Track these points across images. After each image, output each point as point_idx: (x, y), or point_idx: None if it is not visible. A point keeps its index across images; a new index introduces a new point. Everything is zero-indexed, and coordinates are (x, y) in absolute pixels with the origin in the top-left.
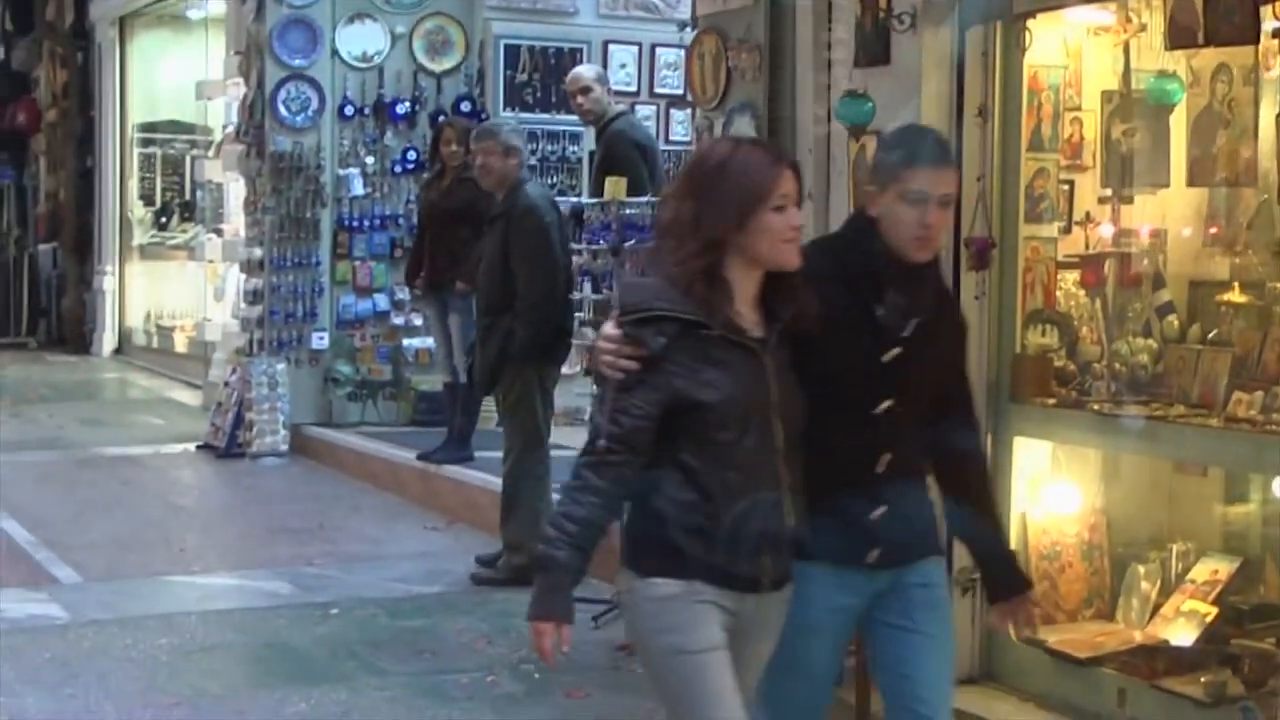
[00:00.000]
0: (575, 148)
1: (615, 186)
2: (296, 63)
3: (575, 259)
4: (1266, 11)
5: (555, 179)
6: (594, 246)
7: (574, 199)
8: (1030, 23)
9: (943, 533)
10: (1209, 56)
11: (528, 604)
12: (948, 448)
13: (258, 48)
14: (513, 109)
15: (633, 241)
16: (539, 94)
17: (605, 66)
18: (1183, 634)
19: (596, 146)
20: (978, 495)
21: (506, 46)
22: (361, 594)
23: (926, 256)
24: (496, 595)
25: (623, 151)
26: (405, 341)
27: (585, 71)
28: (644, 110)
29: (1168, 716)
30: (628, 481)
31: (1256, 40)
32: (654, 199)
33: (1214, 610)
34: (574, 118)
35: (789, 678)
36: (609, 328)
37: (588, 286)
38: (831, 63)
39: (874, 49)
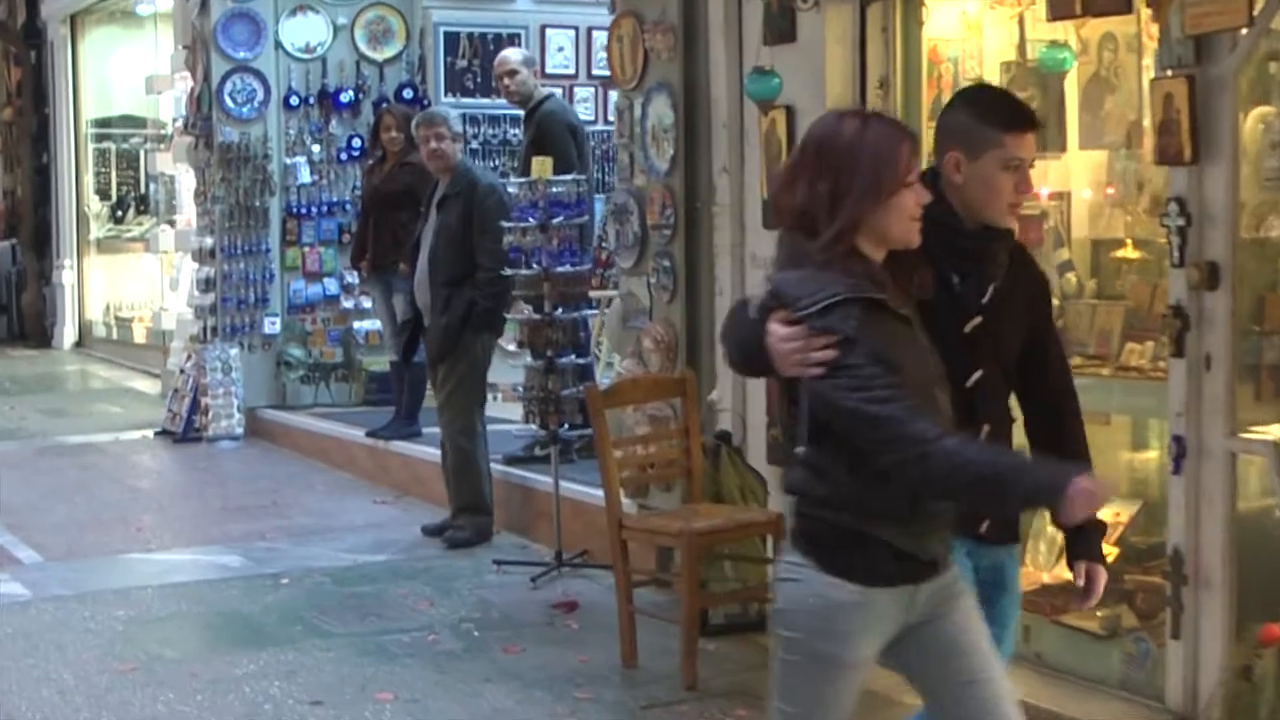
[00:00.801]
0: (516, 131)
1: (541, 166)
2: (241, 55)
3: (505, 237)
4: None
5: (496, 162)
6: (523, 224)
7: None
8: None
9: None
10: (1097, 26)
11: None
12: (1045, 400)
13: (203, 42)
14: (454, 95)
15: (560, 218)
16: (479, 79)
17: (543, 50)
18: None
19: (525, 129)
20: (1077, 446)
21: (446, 34)
22: (310, 564)
23: (1012, 223)
24: (438, 562)
25: (556, 132)
26: (355, 324)
27: (511, 55)
28: (582, 92)
29: (1068, 649)
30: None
31: (1130, 10)
32: (580, 178)
33: (1115, 550)
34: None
35: None
36: (781, 328)
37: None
38: (743, 41)
39: (780, 27)
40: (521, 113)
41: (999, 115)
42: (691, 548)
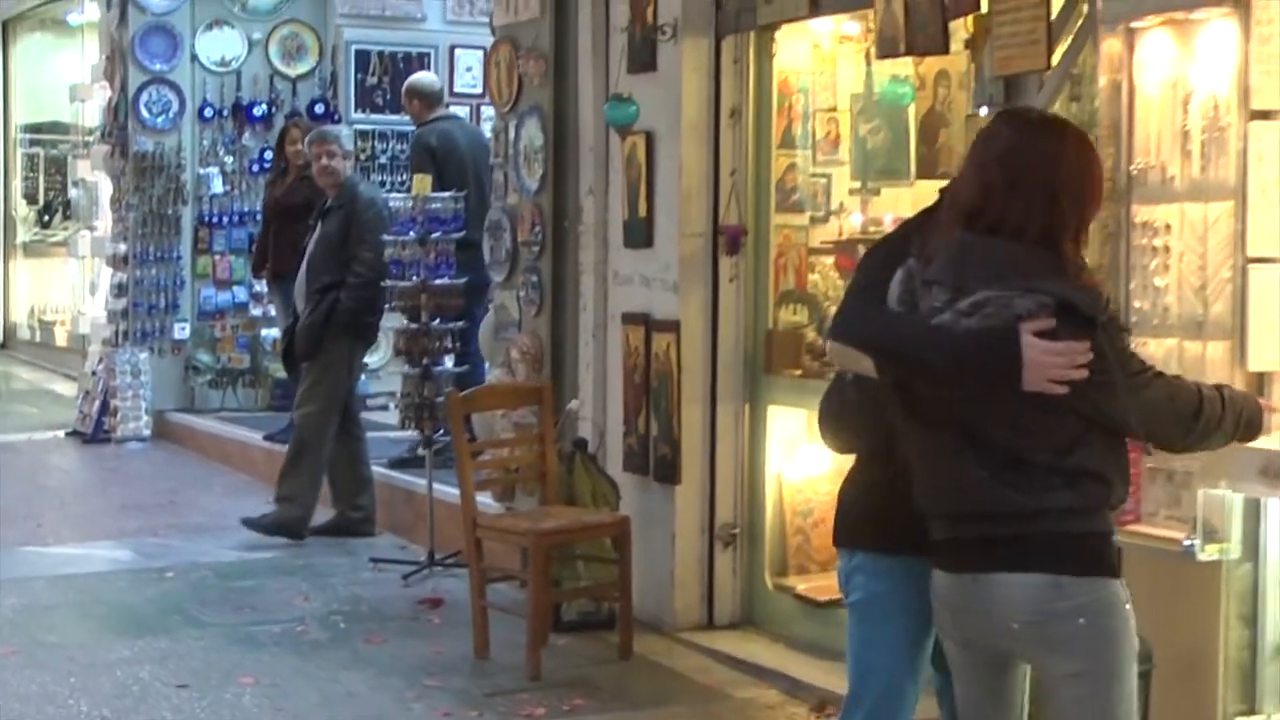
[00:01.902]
0: None
1: (420, 183)
2: (158, 67)
3: (386, 250)
4: (955, 25)
5: (405, 177)
6: (402, 239)
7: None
8: (778, 34)
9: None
10: (932, 63)
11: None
12: None
13: (121, 53)
14: (364, 110)
15: (437, 234)
16: (389, 96)
17: (451, 70)
18: None
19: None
20: None
21: (357, 51)
22: (197, 559)
23: None
24: (319, 559)
25: (415, 156)
26: (263, 331)
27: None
28: (490, 110)
29: None
30: None
31: (947, 50)
32: (457, 194)
33: None
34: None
35: None
36: (1043, 340)
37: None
38: (609, 69)
39: (642, 56)
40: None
41: None
42: (538, 546)
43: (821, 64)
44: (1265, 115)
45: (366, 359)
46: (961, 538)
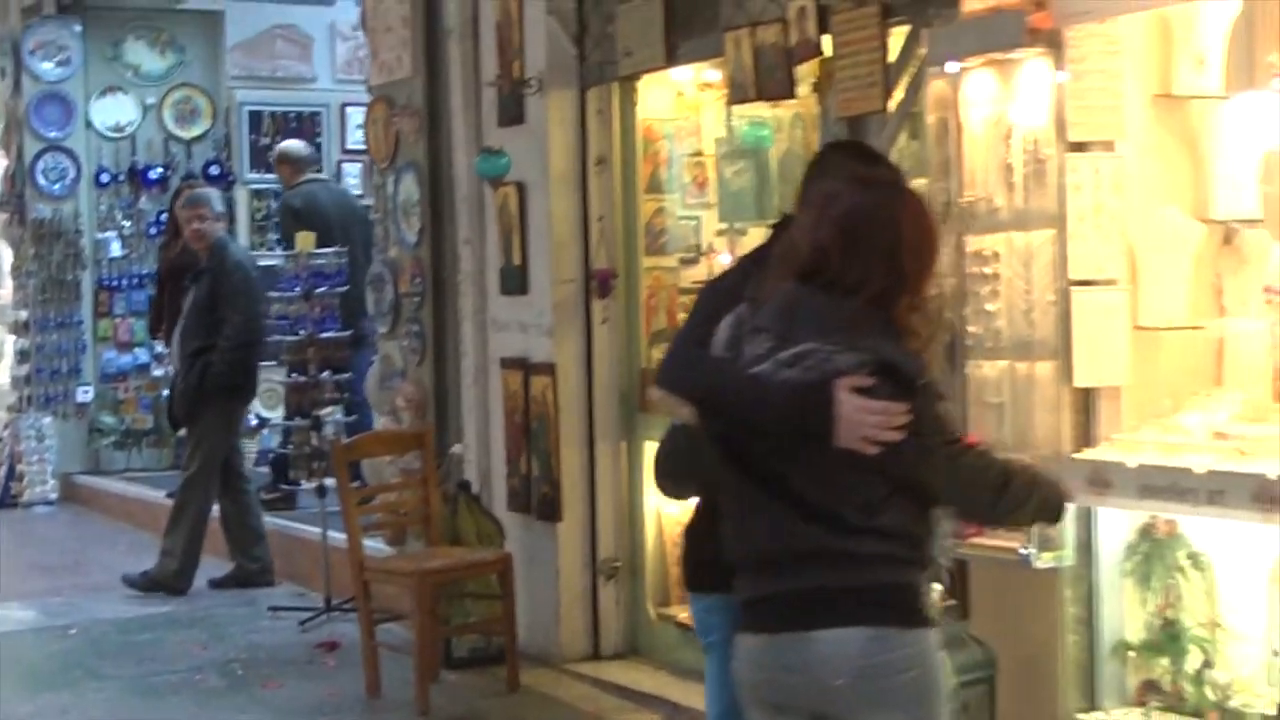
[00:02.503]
0: None
1: (304, 240)
2: (53, 135)
3: (277, 306)
4: (802, 70)
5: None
6: (287, 295)
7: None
8: (639, 84)
9: None
10: (789, 106)
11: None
12: None
13: (16, 121)
14: (259, 170)
15: (322, 289)
16: None
17: (343, 127)
18: None
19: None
20: None
21: (250, 112)
22: (99, 616)
23: None
24: (219, 610)
25: (282, 219)
26: (164, 391)
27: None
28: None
29: None
30: None
31: (793, 94)
32: (340, 250)
33: None
34: (317, 177)
35: None
36: (860, 399)
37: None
38: (481, 123)
39: (511, 110)
40: None
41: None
42: (421, 586)
43: (686, 110)
44: (1080, 147)
45: (268, 414)
46: (776, 594)
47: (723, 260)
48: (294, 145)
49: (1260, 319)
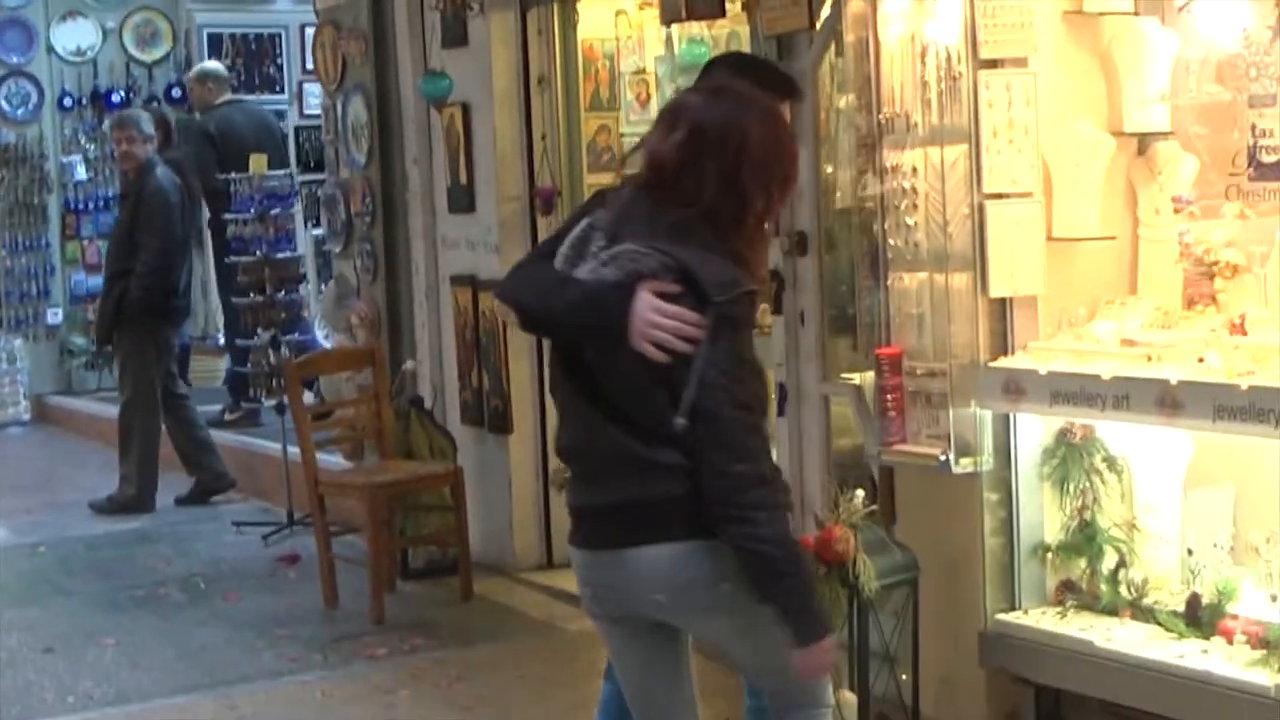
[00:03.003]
0: (280, 124)
1: (257, 162)
2: (14, 60)
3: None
4: None
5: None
6: (243, 216)
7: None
8: (580, 4)
9: None
10: (724, 25)
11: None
12: None
13: None
14: None
15: (276, 210)
16: (243, 77)
17: (303, 49)
18: None
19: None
20: None
21: (210, 35)
22: (67, 534)
23: None
24: (184, 527)
25: (195, 144)
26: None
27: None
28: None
29: None
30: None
31: (723, 13)
32: (286, 172)
33: None
34: (278, 97)
35: None
36: (657, 301)
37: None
38: (426, 46)
39: (454, 32)
40: (286, 109)
41: (792, 85)
42: (373, 498)
43: (628, 30)
44: (993, 65)
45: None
46: (593, 507)
47: None
48: (211, 65)
49: (1170, 229)
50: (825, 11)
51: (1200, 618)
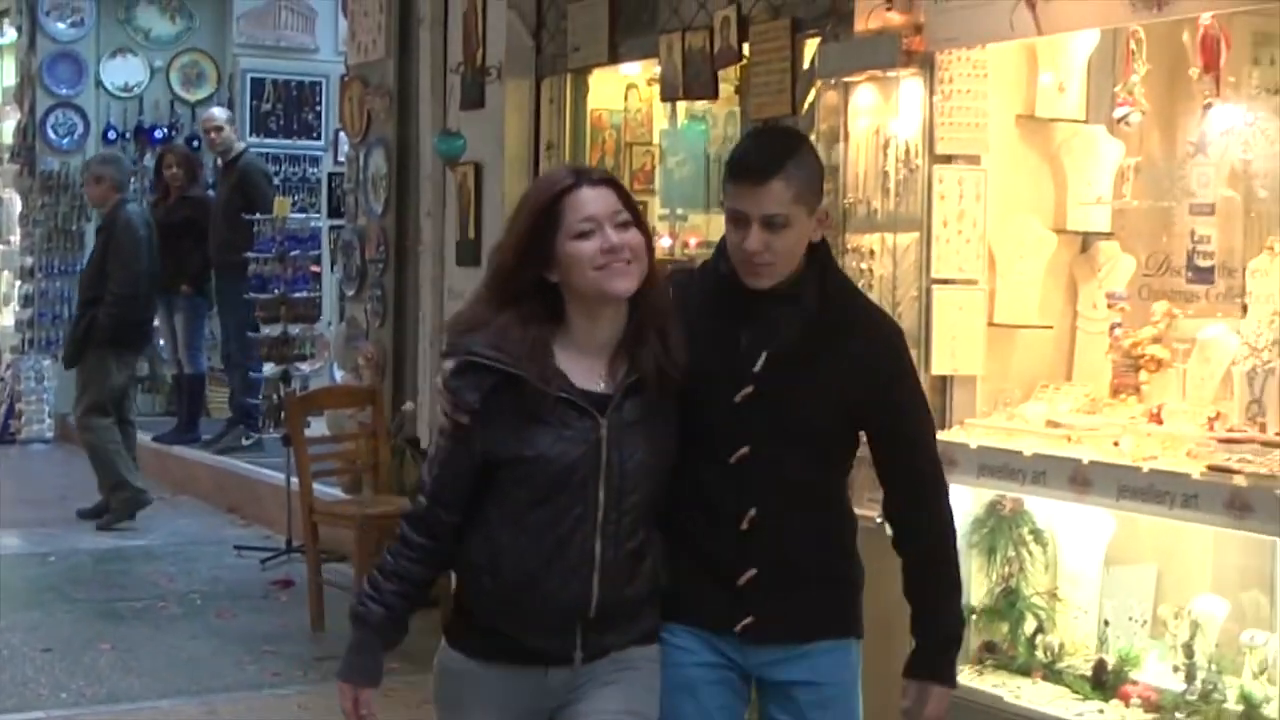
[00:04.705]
0: (315, 170)
1: (280, 205)
2: (64, 92)
3: (253, 266)
4: (725, 73)
5: (297, 197)
6: (264, 255)
7: (313, 217)
8: (591, 77)
9: (857, 612)
10: (723, 104)
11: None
12: (892, 500)
13: (29, 78)
14: (259, 135)
15: (296, 252)
16: (282, 122)
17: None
18: None
19: (226, 176)
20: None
21: (253, 79)
22: (78, 546)
23: (759, 284)
24: (190, 547)
25: (255, 179)
26: (160, 341)
27: (218, 113)
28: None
29: None
30: (446, 537)
31: (716, 95)
32: (315, 215)
33: None
34: (315, 143)
35: None
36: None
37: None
38: (446, 106)
39: (472, 95)
40: (322, 154)
41: (730, 161)
42: (363, 529)
43: (636, 104)
44: (947, 160)
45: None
46: None
47: (664, 244)
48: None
49: (1105, 322)
50: (810, 100)
51: (1105, 681)
